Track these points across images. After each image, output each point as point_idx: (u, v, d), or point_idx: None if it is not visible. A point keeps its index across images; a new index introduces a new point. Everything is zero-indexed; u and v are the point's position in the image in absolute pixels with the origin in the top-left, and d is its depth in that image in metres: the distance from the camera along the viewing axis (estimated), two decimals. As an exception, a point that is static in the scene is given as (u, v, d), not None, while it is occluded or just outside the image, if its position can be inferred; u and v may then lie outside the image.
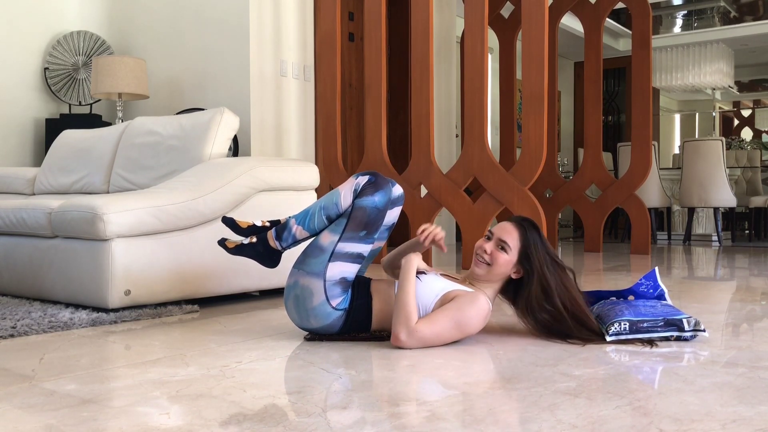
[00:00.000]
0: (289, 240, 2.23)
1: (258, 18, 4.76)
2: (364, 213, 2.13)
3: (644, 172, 5.71)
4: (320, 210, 2.19)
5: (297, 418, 1.41)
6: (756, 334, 2.33)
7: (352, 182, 2.17)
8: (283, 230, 2.23)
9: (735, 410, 1.46)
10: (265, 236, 2.25)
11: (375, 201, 2.14)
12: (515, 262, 2.14)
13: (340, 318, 2.15)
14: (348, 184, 2.18)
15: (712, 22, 10.60)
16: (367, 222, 2.14)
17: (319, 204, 2.20)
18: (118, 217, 2.66)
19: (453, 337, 2.08)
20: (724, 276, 4.16)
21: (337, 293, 2.13)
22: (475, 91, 4.30)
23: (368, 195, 2.14)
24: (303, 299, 2.14)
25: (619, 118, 11.16)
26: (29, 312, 2.62)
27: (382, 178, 2.18)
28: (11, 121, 4.97)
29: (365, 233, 2.14)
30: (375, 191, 2.14)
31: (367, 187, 2.15)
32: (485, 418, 1.43)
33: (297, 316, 2.18)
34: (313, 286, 2.12)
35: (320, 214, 2.18)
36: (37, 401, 1.55)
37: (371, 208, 2.13)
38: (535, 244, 2.14)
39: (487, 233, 2.20)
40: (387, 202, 2.17)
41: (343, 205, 2.16)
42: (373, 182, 2.16)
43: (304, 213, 2.22)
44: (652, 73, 6.08)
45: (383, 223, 2.22)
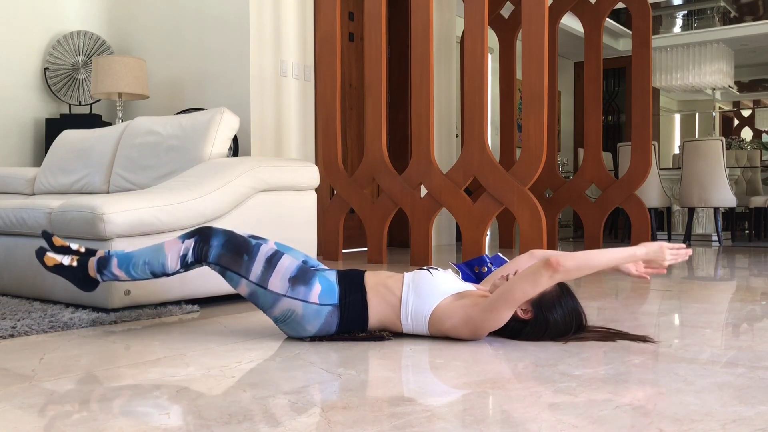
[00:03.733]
0: (109, 276, 2.26)
1: (258, 18, 4.76)
2: (226, 255, 2.14)
3: (644, 172, 5.71)
4: (144, 264, 2.20)
5: (297, 418, 1.41)
6: (756, 334, 2.33)
7: (179, 249, 2.17)
8: (104, 266, 2.25)
9: (735, 410, 1.46)
10: (85, 264, 2.27)
11: (218, 244, 2.15)
12: (529, 300, 2.07)
13: (333, 314, 2.12)
14: (174, 249, 2.17)
15: (712, 22, 10.60)
16: (236, 252, 2.14)
17: (143, 258, 2.20)
18: (119, 217, 2.66)
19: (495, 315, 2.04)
20: (724, 276, 4.16)
21: (303, 290, 2.11)
22: (475, 91, 4.30)
23: (210, 248, 2.14)
24: (290, 319, 2.14)
25: (619, 118, 11.17)
26: (29, 312, 2.62)
27: (202, 230, 2.18)
28: (11, 121, 4.97)
29: (247, 255, 2.14)
30: (209, 241, 2.15)
31: (202, 246, 2.15)
32: (485, 418, 1.43)
33: (295, 332, 2.18)
34: (285, 306, 2.12)
35: (144, 268, 2.20)
36: (37, 401, 1.55)
37: (223, 247, 2.14)
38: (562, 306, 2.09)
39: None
40: (223, 234, 2.17)
41: (171, 269, 2.18)
42: (200, 239, 2.16)
43: (127, 259, 2.22)
44: (652, 73, 6.09)
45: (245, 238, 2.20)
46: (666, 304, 3.03)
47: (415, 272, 2.21)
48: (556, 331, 2.09)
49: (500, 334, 2.16)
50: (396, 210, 4.64)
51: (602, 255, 2.03)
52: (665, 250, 2.11)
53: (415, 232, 4.56)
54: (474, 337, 2.11)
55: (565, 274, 1.97)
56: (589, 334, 2.15)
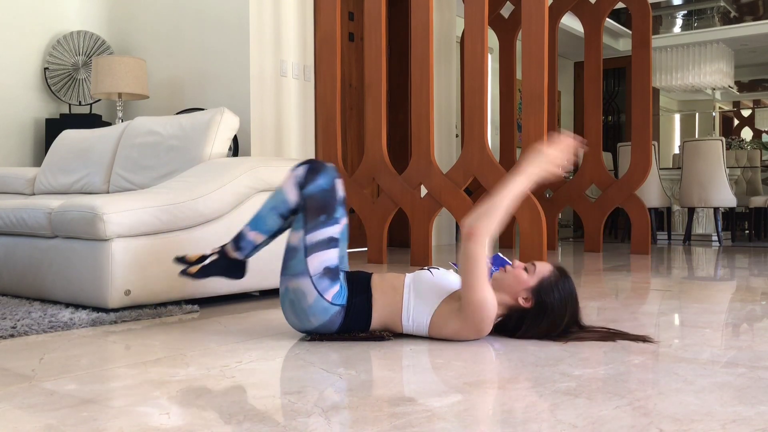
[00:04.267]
0: (248, 248, 2.26)
1: (258, 18, 4.76)
2: (315, 199, 2.15)
3: (644, 172, 5.71)
4: (270, 210, 2.22)
5: (297, 418, 1.41)
6: (756, 334, 2.33)
7: (292, 175, 2.20)
8: (240, 240, 2.27)
9: (735, 410, 1.46)
10: (223, 250, 2.29)
11: (321, 184, 2.16)
12: (530, 287, 2.09)
13: (339, 314, 2.14)
14: (289, 179, 2.20)
15: (712, 22, 10.60)
16: (322, 206, 2.15)
17: (268, 205, 2.23)
18: (118, 217, 2.66)
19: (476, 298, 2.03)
20: (724, 276, 4.16)
21: (326, 285, 2.12)
22: (475, 91, 4.30)
23: (312, 182, 2.16)
24: (298, 301, 2.14)
25: (619, 118, 11.16)
26: (29, 312, 2.62)
27: (318, 163, 2.20)
28: (11, 121, 4.97)
29: (325, 217, 2.15)
30: (316, 175, 2.17)
31: (308, 175, 2.17)
32: (485, 418, 1.43)
33: (296, 319, 2.18)
34: (302, 286, 2.12)
35: (272, 214, 2.22)
36: (37, 401, 1.55)
37: (319, 192, 2.15)
38: (559, 289, 2.10)
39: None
40: (332, 181, 2.18)
41: (291, 200, 2.19)
42: (312, 168, 2.18)
43: (256, 217, 2.25)
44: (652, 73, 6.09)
45: (338, 201, 2.20)
46: (666, 304, 3.03)
47: (416, 273, 2.22)
48: (554, 314, 2.10)
49: (503, 332, 2.16)
50: (396, 210, 4.64)
51: (504, 199, 2.05)
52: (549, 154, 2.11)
53: (415, 232, 4.56)
54: (478, 335, 2.12)
55: (480, 233, 2.01)
56: (589, 334, 2.16)
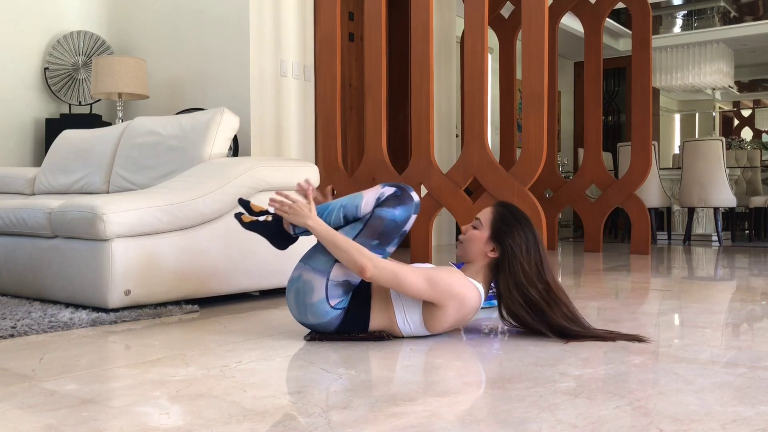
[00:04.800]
0: (301, 228, 2.25)
1: (258, 18, 4.76)
2: (381, 223, 2.14)
3: (644, 172, 5.71)
4: (340, 208, 2.20)
5: (297, 418, 1.41)
6: (756, 334, 2.33)
7: (378, 191, 2.17)
8: None
9: (735, 410, 1.46)
10: (280, 219, 2.27)
11: (395, 214, 2.14)
12: (487, 238, 2.14)
13: (338, 317, 2.16)
14: (373, 191, 2.18)
15: (712, 22, 10.60)
16: (382, 232, 2.14)
17: (341, 202, 2.21)
18: (118, 217, 2.66)
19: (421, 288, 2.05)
20: (724, 276, 4.16)
21: (337, 294, 2.14)
22: (475, 91, 4.30)
23: (390, 207, 2.14)
24: (303, 293, 2.14)
25: (619, 118, 11.16)
26: (29, 312, 2.62)
27: (407, 194, 2.17)
28: (11, 121, 4.97)
29: (378, 243, 2.15)
30: (397, 204, 2.15)
31: (391, 199, 2.15)
32: (485, 418, 1.43)
33: (296, 309, 2.20)
34: (315, 283, 2.12)
35: (339, 212, 2.20)
36: (37, 401, 1.55)
37: (389, 220, 2.14)
38: (507, 221, 2.13)
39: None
40: (407, 218, 2.16)
41: (363, 210, 2.17)
42: (398, 195, 2.16)
43: (325, 206, 2.23)
44: (652, 73, 6.09)
45: (399, 236, 2.19)
46: (666, 304, 3.03)
47: None
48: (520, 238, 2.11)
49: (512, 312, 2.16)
50: (396, 210, 4.64)
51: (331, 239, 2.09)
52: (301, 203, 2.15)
53: (415, 232, 4.56)
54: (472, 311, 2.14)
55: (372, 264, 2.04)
56: (584, 331, 2.15)
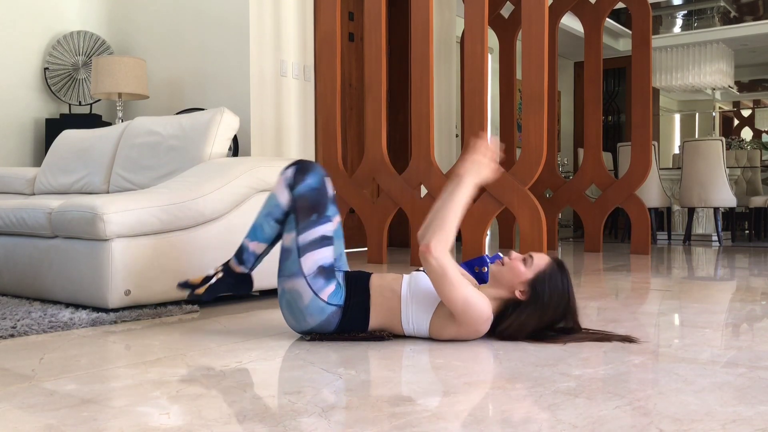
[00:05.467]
0: (251, 259, 2.27)
1: (258, 18, 4.76)
2: (305, 198, 2.16)
3: (644, 172, 5.71)
4: (266, 217, 2.22)
5: (297, 418, 1.41)
6: (756, 334, 2.33)
7: (282, 178, 2.21)
8: (242, 253, 2.27)
9: (735, 410, 1.46)
10: (228, 266, 2.29)
11: (309, 183, 2.17)
12: (528, 279, 2.09)
13: (336, 314, 2.14)
14: (279, 182, 2.21)
15: (712, 22, 10.61)
16: (312, 205, 2.16)
17: (263, 212, 2.24)
18: (118, 216, 2.66)
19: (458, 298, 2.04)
20: (724, 276, 4.16)
21: (321, 284, 2.12)
22: (475, 91, 4.30)
23: (300, 182, 2.17)
24: (294, 301, 2.14)
25: (619, 118, 11.17)
26: (29, 312, 2.62)
27: (306, 162, 2.21)
28: (11, 121, 4.97)
29: (316, 216, 2.15)
30: (305, 175, 2.18)
31: (297, 175, 2.18)
32: (485, 418, 1.43)
33: (294, 320, 2.18)
34: (298, 286, 2.12)
35: (267, 221, 2.22)
36: (37, 401, 1.55)
37: (309, 191, 2.16)
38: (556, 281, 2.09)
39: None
40: (321, 179, 2.19)
41: (283, 202, 2.19)
42: (300, 168, 2.19)
43: (253, 227, 2.25)
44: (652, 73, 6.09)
45: (328, 199, 2.20)
46: (666, 304, 3.03)
47: (412, 274, 2.21)
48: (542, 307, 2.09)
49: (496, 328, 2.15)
50: (396, 210, 4.64)
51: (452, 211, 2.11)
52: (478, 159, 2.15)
53: (415, 232, 4.56)
54: (477, 335, 2.13)
55: (437, 249, 2.03)
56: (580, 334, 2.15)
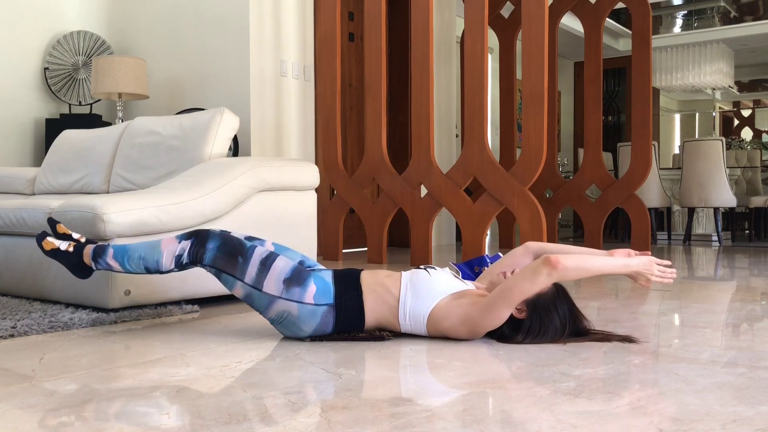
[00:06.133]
0: (103, 265, 2.28)
1: (258, 18, 4.76)
2: (221, 257, 2.15)
3: (644, 172, 5.71)
4: (139, 258, 2.22)
5: (297, 418, 1.41)
6: (756, 334, 2.33)
7: (174, 249, 2.18)
8: (100, 254, 2.27)
9: (735, 410, 1.46)
10: (81, 250, 2.30)
11: (212, 248, 2.16)
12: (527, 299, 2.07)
13: (329, 313, 2.12)
14: (170, 249, 2.18)
15: (712, 22, 10.60)
16: (231, 255, 2.15)
17: (139, 252, 2.22)
18: (118, 216, 2.66)
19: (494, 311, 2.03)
20: (724, 276, 4.16)
21: (298, 291, 2.11)
22: (475, 91, 4.30)
23: (204, 252, 2.15)
24: (286, 320, 2.14)
25: (619, 118, 11.16)
26: (29, 312, 2.62)
27: (198, 232, 2.19)
28: (11, 121, 4.97)
29: (242, 258, 2.14)
30: (204, 244, 2.16)
31: (198, 249, 2.16)
32: (485, 418, 1.43)
33: (291, 333, 2.18)
34: (280, 308, 2.12)
35: (139, 262, 2.22)
36: (37, 401, 1.55)
37: (218, 254, 2.15)
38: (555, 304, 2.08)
39: None
40: (219, 237, 2.17)
41: (165, 267, 2.19)
42: (196, 241, 2.17)
43: (123, 251, 2.24)
44: (652, 73, 6.10)
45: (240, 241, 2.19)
46: (666, 304, 3.03)
47: (412, 271, 2.21)
48: (550, 332, 2.09)
49: (492, 336, 2.15)
50: (396, 210, 4.64)
51: (598, 261, 2.05)
52: (654, 265, 2.11)
53: (415, 232, 4.56)
54: (472, 336, 2.11)
55: (563, 272, 1.98)
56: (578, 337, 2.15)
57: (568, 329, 2.10)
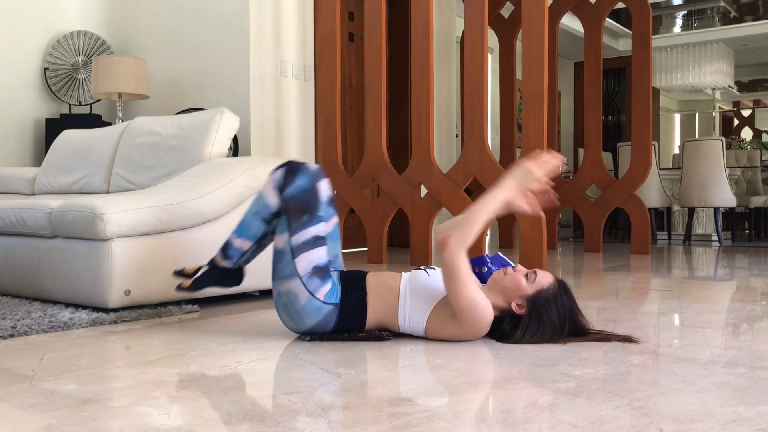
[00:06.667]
0: (235, 255, 2.28)
1: (258, 18, 4.76)
2: (296, 200, 2.16)
3: (644, 172, 5.71)
4: (253, 215, 2.23)
5: (297, 418, 1.41)
6: (756, 334, 2.33)
7: (271, 179, 2.21)
8: (227, 248, 2.29)
9: (735, 410, 1.46)
10: (213, 260, 2.32)
11: (300, 185, 2.17)
12: (527, 295, 2.08)
13: (333, 313, 2.14)
14: (268, 183, 2.22)
15: (712, 22, 10.61)
16: (304, 206, 2.16)
17: (251, 211, 2.24)
18: (118, 217, 2.66)
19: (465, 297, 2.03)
20: (724, 276, 4.16)
21: (317, 284, 2.13)
22: (475, 91, 4.30)
23: (291, 183, 2.17)
24: (291, 303, 2.14)
25: (619, 118, 11.17)
26: (29, 312, 2.62)
27: (295, 163, 2.21)
28: (11, 121, 4.97)
29: (308, 216, 2.15)
30: (294, 176, 2.18)
31: (287, 177, 2.18)
32: (485, 418, 1.43)
33: (292, 321, 2.19)
34: (293, 288, 2.12)
35: (254, 220, 2.23)
36: (37, 401, 1.55)
37: (300, 193, 2.16)
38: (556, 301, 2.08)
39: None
40: (311, 179, 2.19)
41: (272, 203, 2.20)
42: (290, 170, 2.19)
43: (240, 224, 2.27)
44: (652, 73, 6.09)
45: (320, 200, 2.20)
46: (666, 304, 3.03)
47: (412, 272, 2.22)
48: (548, 330, 2.08)
49: (491, 336, 2.15)
50: (396, 210, 4.64)
51: (481, 212, 2.04)
52: (530, 167, 2.08)
53: (415, 232, 4.56)
54: (475, 336, 2.12)
55: (453, 246, 2.01)
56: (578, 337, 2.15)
57: (567, 327, 2.09)
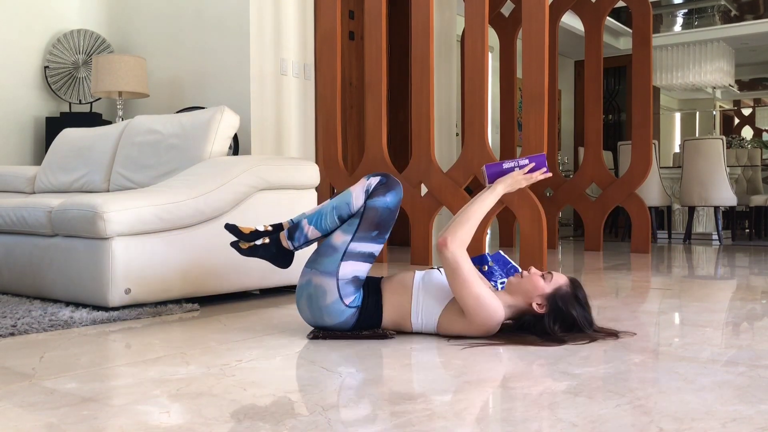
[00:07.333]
0: (301, 240, 2.26)
1: (258, 17, 4.76)
2: (377, 213, 2.16)
3: (644, 170, 5.70)
4: (332, 210, 2.22)
5: (297, 417, 1.41)
6: (756, 332, 2.33)
7: (364, 183, 2.20)
8: (295, 230, 2.26)
9: (735, 409, 1.46)
10: (277, 237, 2.29)
11: (387, 201, 2.17)
12: (545, 294, 2.11)
13: (353, 316, 2.18)
14: (360, 185, 2.21)
15: (713, 20, 10.60)
16: (379, 222, 2.17)
17: (332, 204, 2.23)
18: (119, 215, 2.66)
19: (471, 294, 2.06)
20: (725, 275, 4.16)
21: (350, 292, 2.16)
22: (476, 90, 4.30)
23: (380, 195, 2.17)
24: (316, 298, 2.16)
25: (620, 116, 11.16)
26: (29, 310, 2.62)
27: (392, 180, 2.21)
28: (11, 120, 4.97)
29: (377, 233, 2.17)
30: (386, 192, 2.18)
31: (379, 188, 2.18)
32: (485, 417, 1.43)
33: (310, 314, 2.20)
34: (326, 285, 2.14)
35: (332, 214, 2.21)
36: (38, 400, 1.55)
37: (383, 209, 2.17)
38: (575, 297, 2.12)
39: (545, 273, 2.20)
40: (398, 203, 2.21)
41: (355, 206, 2.19)
42: (385, 183, 2.19)
43: (317, 213, 2.24)
44: (652, 72, 6.08)
45: (393, 224, 2.23)
46: (666, 302, 3.03)
47: (426, 271, 2.26)
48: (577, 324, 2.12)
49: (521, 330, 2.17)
50: (396, 209, 4.64)
51: (475, 213, 2.17)
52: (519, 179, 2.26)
53: (415, 232, 4.56)
54: (486, 333, 2.14)
55: (452, 244, 2.09)
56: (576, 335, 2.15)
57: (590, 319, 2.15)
